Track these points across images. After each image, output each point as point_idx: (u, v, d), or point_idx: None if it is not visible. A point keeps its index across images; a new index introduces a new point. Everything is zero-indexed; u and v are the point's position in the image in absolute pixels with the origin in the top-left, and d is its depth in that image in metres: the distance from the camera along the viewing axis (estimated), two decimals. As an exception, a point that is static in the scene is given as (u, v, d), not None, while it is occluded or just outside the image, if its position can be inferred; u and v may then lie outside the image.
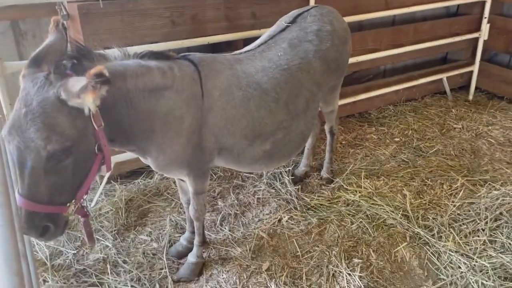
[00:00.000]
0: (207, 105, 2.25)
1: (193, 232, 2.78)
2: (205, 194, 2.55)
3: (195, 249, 2.72)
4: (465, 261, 2.77)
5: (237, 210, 3.26)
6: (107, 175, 3.14)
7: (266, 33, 2.83)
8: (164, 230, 3.06)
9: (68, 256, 2.81)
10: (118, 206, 3.24)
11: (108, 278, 2.64)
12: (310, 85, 2.66)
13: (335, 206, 3.30)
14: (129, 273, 2.69)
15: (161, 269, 2.74)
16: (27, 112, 1.62)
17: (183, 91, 2.16)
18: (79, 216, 1.96)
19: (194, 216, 2.59)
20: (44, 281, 2.62)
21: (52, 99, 1.65)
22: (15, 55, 3.36)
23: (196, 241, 2.71)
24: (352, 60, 4.12)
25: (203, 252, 2.81)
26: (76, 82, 1.65)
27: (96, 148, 1.85)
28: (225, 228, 3.09)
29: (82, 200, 1.88)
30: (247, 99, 2.37)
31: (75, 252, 2.85)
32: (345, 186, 3.51)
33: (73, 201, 1.82)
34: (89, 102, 1.66)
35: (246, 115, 2.38)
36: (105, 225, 3.08)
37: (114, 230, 3.04)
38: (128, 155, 3.19)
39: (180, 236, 2.96)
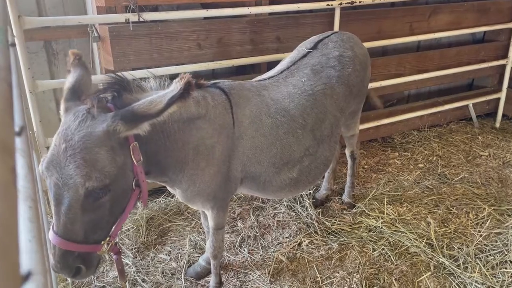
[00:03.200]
0: (238, 134, 2.22)
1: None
2: (224, 229, 2.52)
3: None
4: (492, 294, 2.67)
5: (256, 232, 3.24)
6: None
7: (285, 59, 2.82)
8: (183, 250, 3.06)
9: (88, 273, 2.83)
10: (139, 224, 3.27)
11: (127, 297, 2.65)
12: (334, 110, 2.64)
13: (356, 231, 3.24)
14: (147, 292, 2.69)
15: (179, 289, 2.73)
16: (67, 147, 1.58)
17: (215, 120, 2.13)
18: (112, 254, 1.91)
19: (213, 253, 2.55)
20: (64, 296, 2.64)
21: (97, 133, 1.61)
22: (47, 74, 3.48)
23: (212, 281, 2.67)
24: (375, 84, 4.11)
25: None
26: (152, 103, 1.64)
27: (133, 183, 1.81)
28: (244, 250, 3.07)
29: (116, 237, 1.83)
30: (276, 127, 2.34)
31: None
32: (367, 212, 3.45)
33: (108, 238, 1.77)
34: (165, 114, 1.66)
35: (275, 143, 2.34)
36: (125, 242, 3.11)
37: (135, 248, 3.05)
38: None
39: (199, 256, 2.95)
